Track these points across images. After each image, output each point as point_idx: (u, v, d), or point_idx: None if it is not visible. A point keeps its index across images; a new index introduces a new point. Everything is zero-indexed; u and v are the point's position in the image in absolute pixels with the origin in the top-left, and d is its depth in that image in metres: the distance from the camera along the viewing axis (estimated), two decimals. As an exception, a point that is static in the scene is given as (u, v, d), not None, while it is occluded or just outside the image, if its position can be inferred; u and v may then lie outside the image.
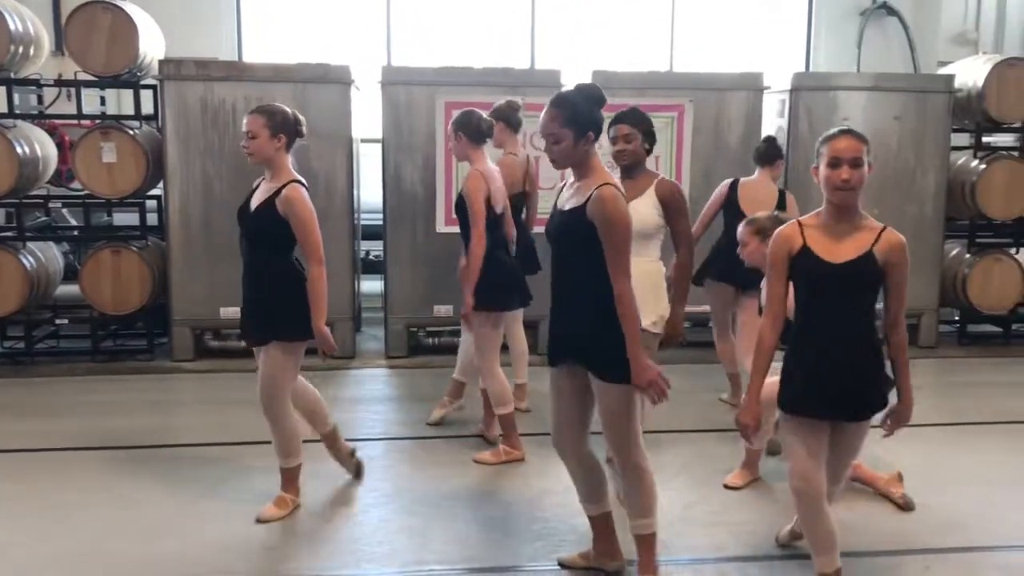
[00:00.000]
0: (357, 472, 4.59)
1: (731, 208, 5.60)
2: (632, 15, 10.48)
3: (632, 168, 4.27)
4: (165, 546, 3.83)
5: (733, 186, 5.66)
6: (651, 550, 3.48)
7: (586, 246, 3.23)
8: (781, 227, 3.35)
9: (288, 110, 4.08)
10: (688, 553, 3.86)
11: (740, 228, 4.45)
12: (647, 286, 3.99)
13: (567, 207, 3.32)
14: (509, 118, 5.45)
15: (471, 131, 4.82)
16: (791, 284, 3.30)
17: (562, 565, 3.71)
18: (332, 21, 10.09)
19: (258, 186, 4.12)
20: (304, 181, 4.05)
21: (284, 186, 3.96)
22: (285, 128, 4.00)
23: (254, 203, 4.06)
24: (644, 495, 3.42)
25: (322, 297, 3.99)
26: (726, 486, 4.52)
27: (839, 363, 3.19)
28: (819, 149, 3.24)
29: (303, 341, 4.05)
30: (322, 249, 4.00)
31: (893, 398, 3.30)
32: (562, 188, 3.47)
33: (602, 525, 3.61)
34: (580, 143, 3.22)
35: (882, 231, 3.21)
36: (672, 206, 4.24)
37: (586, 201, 3.21)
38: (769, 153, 5.75)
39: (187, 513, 4.17)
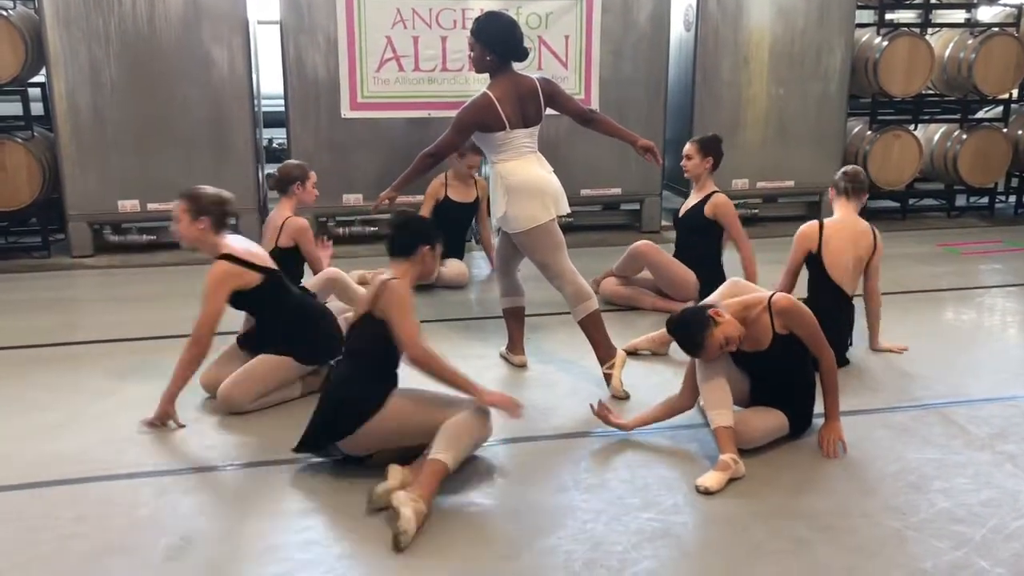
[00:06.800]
0: None
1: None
2: None
3: None
4: (65, 444, 3.76)
5: None
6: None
7: None
8: None
9: (212, 192, 3.99)
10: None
11: None
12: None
13: None
14: None
15: None
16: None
17: None
18: None
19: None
20: (234, 253, 3.98)
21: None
22: (207, 211, 3.93)
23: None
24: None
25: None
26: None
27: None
28: None
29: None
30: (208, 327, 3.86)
31: None
32: None
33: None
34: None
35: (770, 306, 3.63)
36: None
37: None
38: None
39: (88, 411, 4.09)
